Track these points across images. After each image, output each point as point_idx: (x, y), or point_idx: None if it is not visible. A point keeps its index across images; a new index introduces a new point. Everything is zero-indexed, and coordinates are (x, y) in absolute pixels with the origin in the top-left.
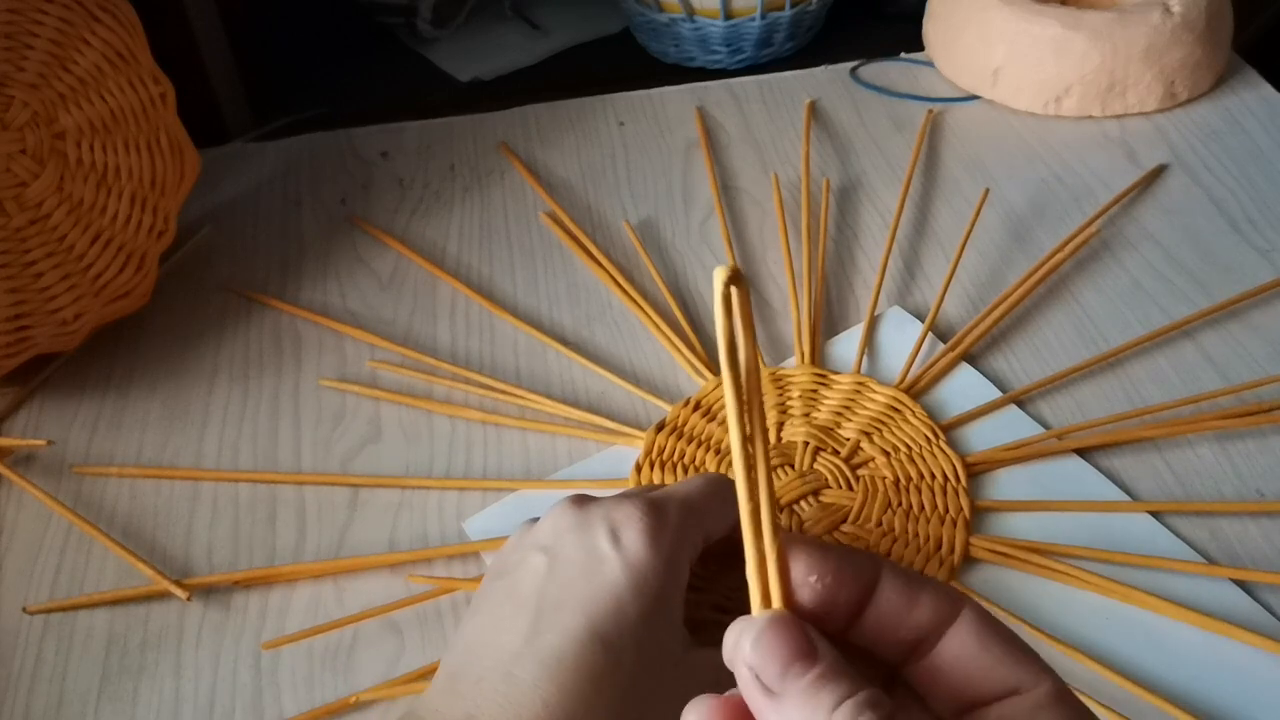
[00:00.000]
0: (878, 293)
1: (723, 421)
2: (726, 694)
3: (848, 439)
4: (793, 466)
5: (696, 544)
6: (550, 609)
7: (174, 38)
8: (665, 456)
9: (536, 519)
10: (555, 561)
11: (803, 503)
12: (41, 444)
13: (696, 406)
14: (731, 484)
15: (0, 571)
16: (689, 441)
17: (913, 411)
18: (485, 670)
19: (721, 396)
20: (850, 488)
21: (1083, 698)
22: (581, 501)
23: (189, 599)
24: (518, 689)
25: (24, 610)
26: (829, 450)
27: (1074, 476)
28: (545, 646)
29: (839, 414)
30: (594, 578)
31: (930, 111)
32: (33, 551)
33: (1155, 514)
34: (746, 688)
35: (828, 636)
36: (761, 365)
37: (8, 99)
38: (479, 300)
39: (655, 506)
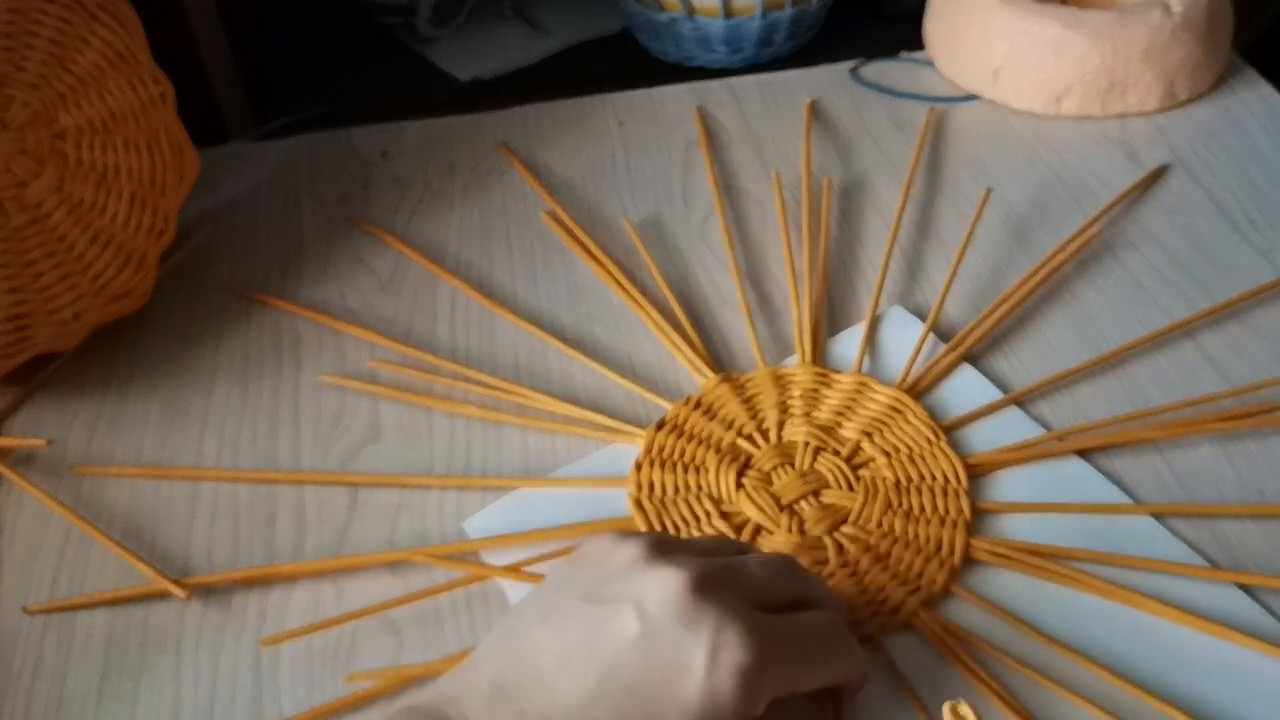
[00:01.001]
0: (879, 292)
1: (723, 420)
2: None
3: (849, 439)
4: (793, 466)
5: (787, 689)
6: (618, 688)
7: (174, 38)
8: (665, 455)
9: (669, 538)
10: (647, 640)
11: (803, 503)
12: (41, 444)
13: (697, 405)
14: (790, 569)
15: (0, 571)
16: (689, 440)
17: (914, 412)
18: (532, 708)
19: (721, 396)
20: (851, 488)
21: (1083, 703)
22: (706, 585)
23: (189, 599)
24: None
25: (24, 610)
26: (830, 450)
27: (1075, 478)
28: None
29: (840, 414)
30: (672, 686)
31: (932, 110)
32: (33, 551)
33: (1156, 516)
34: None
35: None
36: (763, 364)
37: (8, 99)
38: (479, 299)
39: (770, 642)
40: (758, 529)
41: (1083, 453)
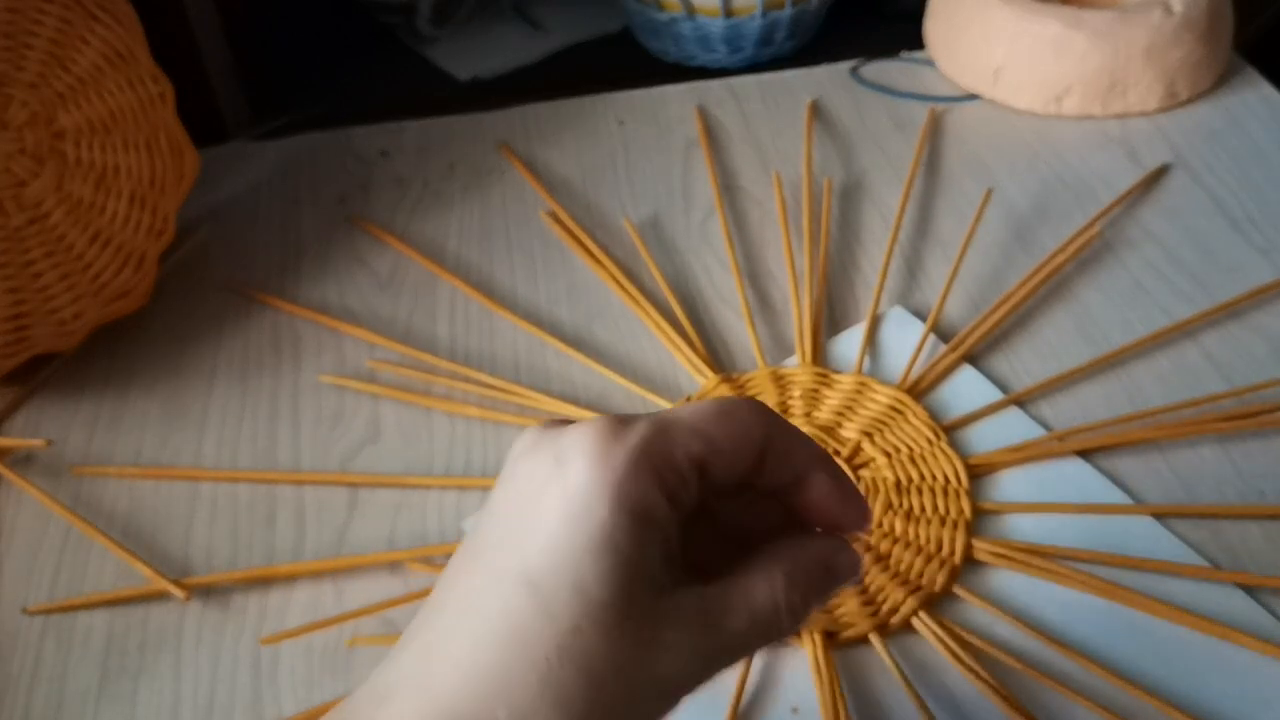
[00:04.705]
0: (879, 292)
1: None
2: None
3: (849, 439)
4: None
5: (680, 469)
6: (487, 549)
7: (174, 37)
8: None
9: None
10: (503, 494)
11: None
12: (41, 444)
13: None
14: (746, 404)
15: (0, 571)
16: None
17: (914, 412)
18: (418, 623)
19: (721, 394)
20: None
21: (1084, 703)
22: (547, 424)
23: (188, 599)
24: (432, 634)
25: (23, 611)
26: (830, 450)
27: (1076, 478)
28: (467, 589)
29: (840, 414)
30: (530, 510)
31: (932, 110)
32: (32, 551)
33: (1157, 516)
34: None
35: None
36: (763, 364)
37: (7, 98)
38: (478, 298)
39: (615, 425)
40: None
41: (1083, 453)
